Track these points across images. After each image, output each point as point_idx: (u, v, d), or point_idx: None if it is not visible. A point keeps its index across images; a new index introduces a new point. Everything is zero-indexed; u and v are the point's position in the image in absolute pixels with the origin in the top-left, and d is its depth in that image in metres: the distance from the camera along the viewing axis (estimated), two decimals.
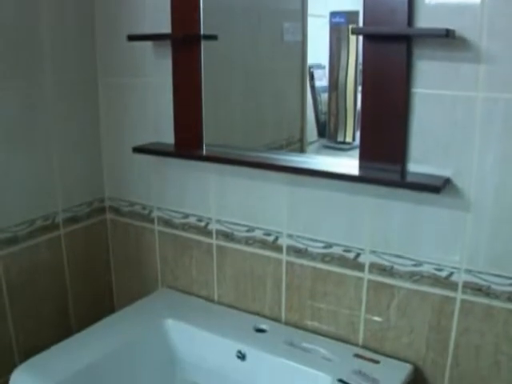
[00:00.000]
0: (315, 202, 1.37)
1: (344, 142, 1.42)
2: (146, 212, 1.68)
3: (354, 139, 1.38)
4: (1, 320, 1.49)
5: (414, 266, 1.26)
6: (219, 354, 1.42)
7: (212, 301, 1.61)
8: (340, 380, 1.23)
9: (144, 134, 1.60)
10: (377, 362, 1.31)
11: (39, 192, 1.54)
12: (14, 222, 1.48)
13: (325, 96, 1.45)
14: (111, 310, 1.78)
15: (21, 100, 1.46)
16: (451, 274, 1.22)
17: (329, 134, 1.46)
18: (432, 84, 1.15)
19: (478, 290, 1.20)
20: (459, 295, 1.22)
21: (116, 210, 1.75)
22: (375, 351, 1.35)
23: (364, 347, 1.37)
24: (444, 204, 1.20)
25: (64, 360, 1.31)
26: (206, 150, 1.49)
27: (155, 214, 1.66)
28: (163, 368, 1.46)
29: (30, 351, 1.34)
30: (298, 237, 1.41)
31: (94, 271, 1.76)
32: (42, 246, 1.56)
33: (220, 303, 1.60)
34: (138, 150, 1.55)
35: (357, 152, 1.26)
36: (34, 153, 1.51)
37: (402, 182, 1.20)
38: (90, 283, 1.75)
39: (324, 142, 1.47)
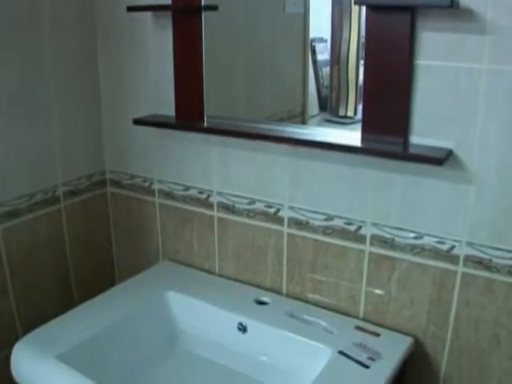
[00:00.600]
0: (317, 174, 1.35)
1: (345, 116, 1.41)
2: (147, 184, 1.66)
3: (355, 113, 1.37)
4: (2, 293, 1.49)
5: (416, 238, 1.26)
6: (220, 327, 1.42)
7: (213, 273, 1.61)
8: (341, 352, 1.24)
9: (144, 106, 1.58)
10: (377, 334, 1.31)
11: (39, 165, 1.53)
12: (14, 196, 1.47)
13: (326, 70, 1.43)
14: (112, 282, 1.78)
15: (19, 73, 1.44)
16: (453, 247, 1.22)
17: (330, 108, 1.44)
18: (435, 55, 1.13)
19: (479, 263, 1.19)
20: (460, 268, 1.22)
21: (116, 183, 1.74)
22: (376, 324, 1.35)
23: (365, 320, 1.37)
24: (446, 177, 1.18)
25: (65, 333, 1.31)
26: (207, 121, 1.47)
27: (156, 186, 1.64)
28: (164, 340, 1.46)
29: (31, 324, 1.34)
30: (300, 209, 1.40)
31: (95, 244, 1.76)
32: (42, 220, 1.55)
33: (221, 276, 1.60)
34: (139, 121, 1.53)
35: (358, 126, 1.24)
36: (33, 126, 1.50)
37: (405, 153, 1.19)
38: (91, 256, 1.74)
39: (325, 116, 1.45)
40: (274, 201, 1.44)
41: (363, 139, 1.23)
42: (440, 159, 1.12)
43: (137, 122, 1.53)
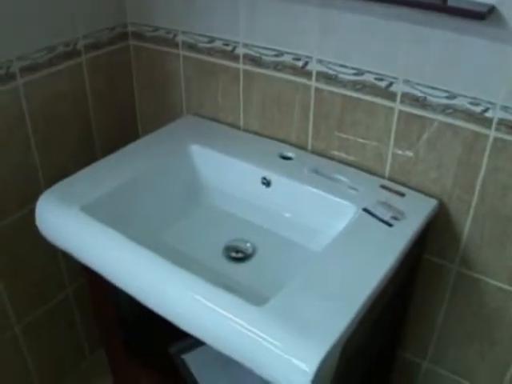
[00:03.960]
0: (349, 27, 1.26)
1: None
2: (171, 36, 1.57)
3: None
4: (26, 148, 1.48)
5: (448, 98, 1.19)
6: (244, 181, 1.41)
7: (237, 128, 1.58)
8: (365, 209, 1.23)
9: None
10: (402, 194, 1.29)
11: (59, 17, 1.45)
12: (34, 49, 1.40)
13: None
14: (135, 138, 1.72)
15: None
16: (486, 109, 1.15)
17: None
18: None
19: None
20: (492, 132, 1.16)
21: (139, 36, 1.65)
22: (401, 184, 1.33)
23: (390, 179, 1.35)
24: (486, 35, 1.09)
25: (89, 185, 1.32)
26: None
27: (180, 38, 1.56)
28: (188, 194, 1.47)
29: (54, 179, 1.34)
30: (329, 63, 1.32)
31: (118, 99, 1.72)
32: (63, 74, 1.50)
33: (246, 130, 1.56)
34: None
35: None
36: None
37: (444, 6, 1.09)
38: (113, 111, 1.71)
39: None
40: (302, 53, 1.36)
41: None
42: (482, 13, 1.03)
43: None
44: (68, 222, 1.23)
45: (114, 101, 1.71)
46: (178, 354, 1.51)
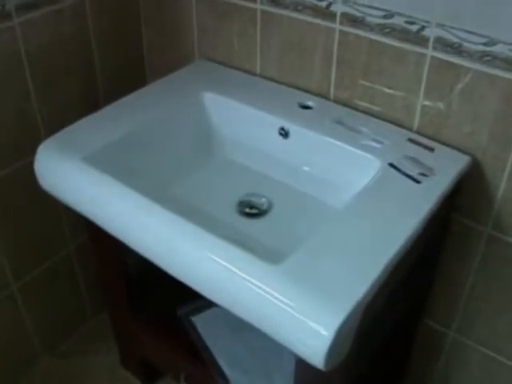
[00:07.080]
0: None
1: None
2: None
3: None
4: (24, 95, 1.47)
5: (487, 44, 1.14)
6: (260, 131, 1.40)
7: (254, 74, 1.56)
8: (391, 164, 1.21)
9: None
10: (432, 149, 1.27)
11: None
12: None
13: None
14: (143, 85, 1.72)
15: None
16: None
17: None
18: None
19: None
20: None
21: None
22: (431, 138, 1.30)
23: (419, 133, 1.32)
24: None
25: (92, 134, 1.31)
26: None
27: None
28: (200, 145, 1.46)
29: (55, 129, 1.33)
30: (355, 3, 1.28)
31: (124, 43, 1.69)
32: (64, 13, 1.47)
33: (263, 77, 1.54)
34: None
35: None
36: None
37: None
38: (119, 57, 1.69)
39: None
40: None
41: None
42: None
43: None
44: (69, 173, 1.23)
45: (120, 44, 1.68)
46: (187, 316, 1.53)
